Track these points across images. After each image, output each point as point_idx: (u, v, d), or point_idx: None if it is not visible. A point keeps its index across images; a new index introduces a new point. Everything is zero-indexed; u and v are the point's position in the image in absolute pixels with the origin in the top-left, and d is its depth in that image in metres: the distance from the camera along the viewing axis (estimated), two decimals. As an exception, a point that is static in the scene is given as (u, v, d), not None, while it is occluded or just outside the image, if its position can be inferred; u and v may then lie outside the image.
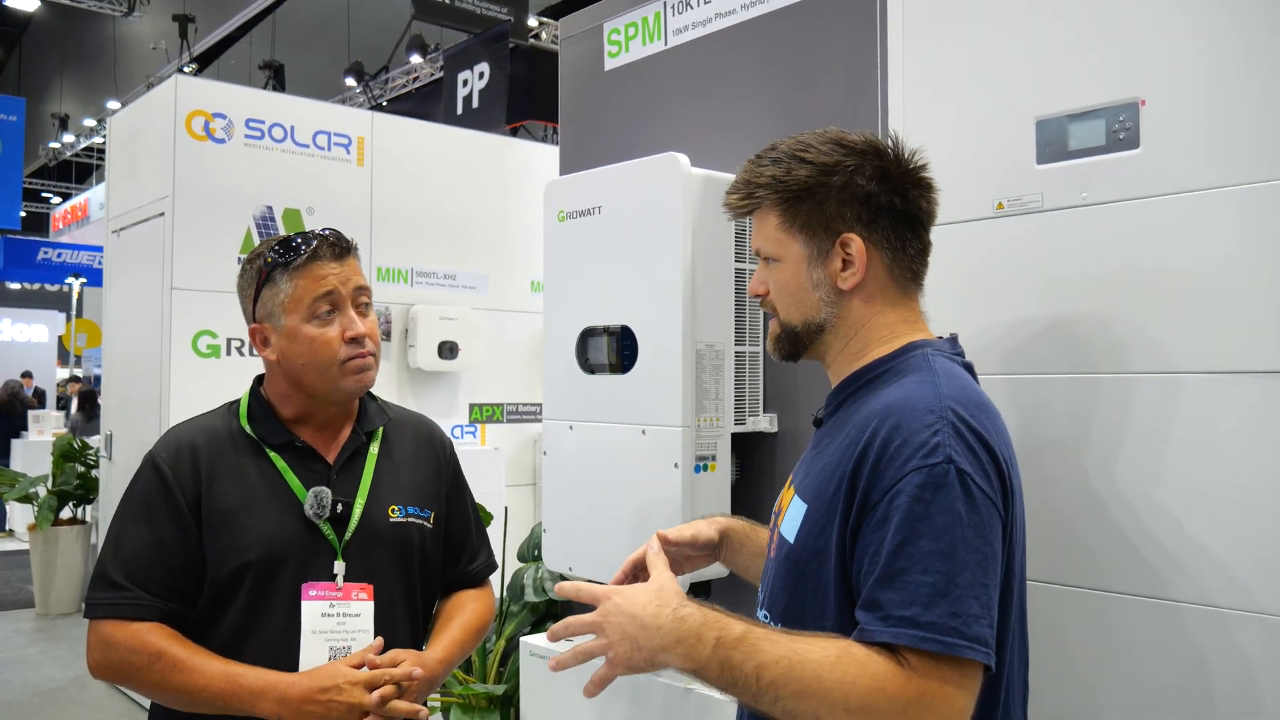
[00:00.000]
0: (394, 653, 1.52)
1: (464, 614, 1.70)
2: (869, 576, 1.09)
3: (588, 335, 2.50)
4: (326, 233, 1.60)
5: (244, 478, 1.56)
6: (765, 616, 1.28)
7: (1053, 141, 1.63)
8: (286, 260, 1.56)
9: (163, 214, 4.77)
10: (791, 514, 1.24)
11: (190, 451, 1.57)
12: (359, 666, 1.48)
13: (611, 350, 2.44)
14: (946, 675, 1.04)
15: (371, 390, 1.68)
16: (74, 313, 14.85)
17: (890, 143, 1.28)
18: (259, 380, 1.68)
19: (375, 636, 1.55)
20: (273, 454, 1.59)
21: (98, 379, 14.56)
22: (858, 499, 1.13)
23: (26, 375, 14.14)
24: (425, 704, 1.56)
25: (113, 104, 15.42)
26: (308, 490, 1.56)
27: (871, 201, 1.25)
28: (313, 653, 1.52)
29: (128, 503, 1.57)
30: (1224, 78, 1.45)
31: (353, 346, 1.57)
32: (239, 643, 1.51)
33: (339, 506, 1.58)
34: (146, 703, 5.57)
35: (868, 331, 1.28)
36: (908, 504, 1.07)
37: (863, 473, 1.13)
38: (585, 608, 1.21)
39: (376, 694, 1.45)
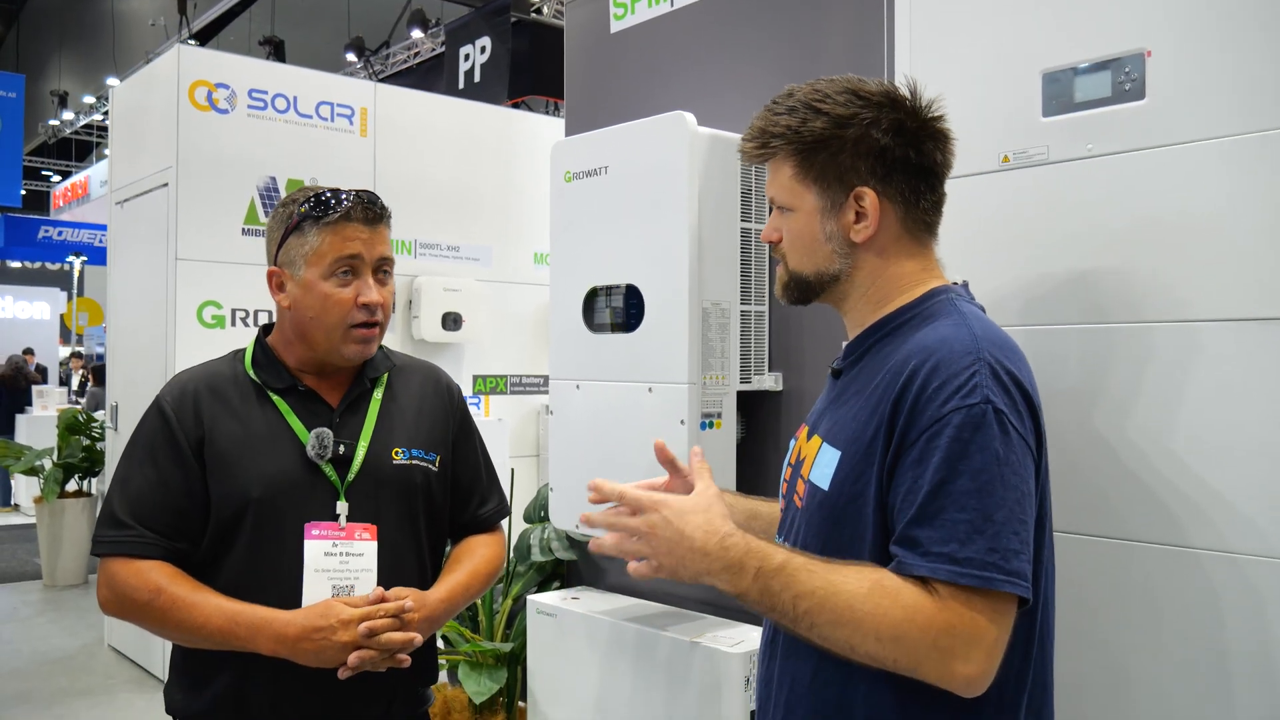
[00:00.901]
0: (396, 590, 1.54)
1: (472, 558, 1.71)
2: (903, 515, 1.11)
3: (594, 295, 2.51)
4: (363, 195, 1.60)
5: (247, 420, 1.59)
6: None
7: (1059, 94, 1.63)
8: (318, 215, 1.57)
9: (166, 185, 4.77)
10: (822, 461, 1.25)
11: (193, 395, 1.59)
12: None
13: (618, 309, 2.46)
14: (978, 606, 1.06)
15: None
16: (75, 291, 14.85)
17: (908, 92, 1.27)
18: (265, 330, 1.71)
19: (379, 577, 1.57)
20: (276, 398, 1.61)
21: (99, 356, 14.59)
22: (895, 437, 1.15)
23: (29, 352, 14.17)
24: (436, 647, 1.57)
25: (112, 81, 15.34)
26: (310, 432, 1.58)
27: (886, 155, 1.24)
28: (315, 591, 1.53)
29: (134, 446, 1.60)
30: (1230, 26, 1.46)
31: (363, 313, 1.58)
32: (245, 582, 1.53)
33: (341, 448, 1.59)
34: (156, 670, 5.54)
35: (886, 281, 1.29)
36: (947, 444, 1.09)
37: (901, 412, 1.14)
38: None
39: (365, 625, 1.45)
